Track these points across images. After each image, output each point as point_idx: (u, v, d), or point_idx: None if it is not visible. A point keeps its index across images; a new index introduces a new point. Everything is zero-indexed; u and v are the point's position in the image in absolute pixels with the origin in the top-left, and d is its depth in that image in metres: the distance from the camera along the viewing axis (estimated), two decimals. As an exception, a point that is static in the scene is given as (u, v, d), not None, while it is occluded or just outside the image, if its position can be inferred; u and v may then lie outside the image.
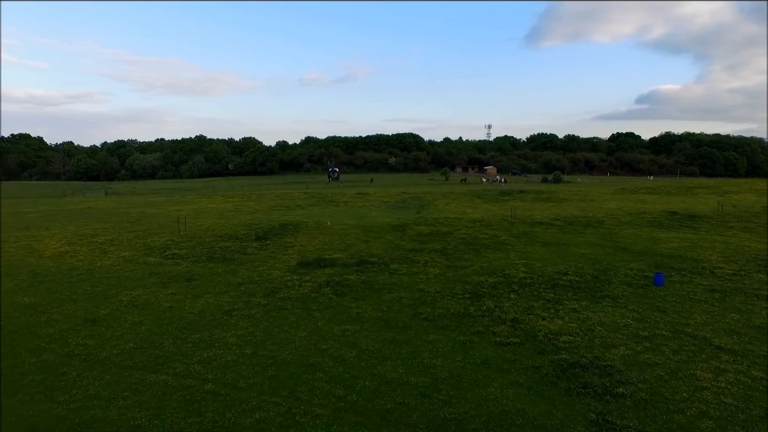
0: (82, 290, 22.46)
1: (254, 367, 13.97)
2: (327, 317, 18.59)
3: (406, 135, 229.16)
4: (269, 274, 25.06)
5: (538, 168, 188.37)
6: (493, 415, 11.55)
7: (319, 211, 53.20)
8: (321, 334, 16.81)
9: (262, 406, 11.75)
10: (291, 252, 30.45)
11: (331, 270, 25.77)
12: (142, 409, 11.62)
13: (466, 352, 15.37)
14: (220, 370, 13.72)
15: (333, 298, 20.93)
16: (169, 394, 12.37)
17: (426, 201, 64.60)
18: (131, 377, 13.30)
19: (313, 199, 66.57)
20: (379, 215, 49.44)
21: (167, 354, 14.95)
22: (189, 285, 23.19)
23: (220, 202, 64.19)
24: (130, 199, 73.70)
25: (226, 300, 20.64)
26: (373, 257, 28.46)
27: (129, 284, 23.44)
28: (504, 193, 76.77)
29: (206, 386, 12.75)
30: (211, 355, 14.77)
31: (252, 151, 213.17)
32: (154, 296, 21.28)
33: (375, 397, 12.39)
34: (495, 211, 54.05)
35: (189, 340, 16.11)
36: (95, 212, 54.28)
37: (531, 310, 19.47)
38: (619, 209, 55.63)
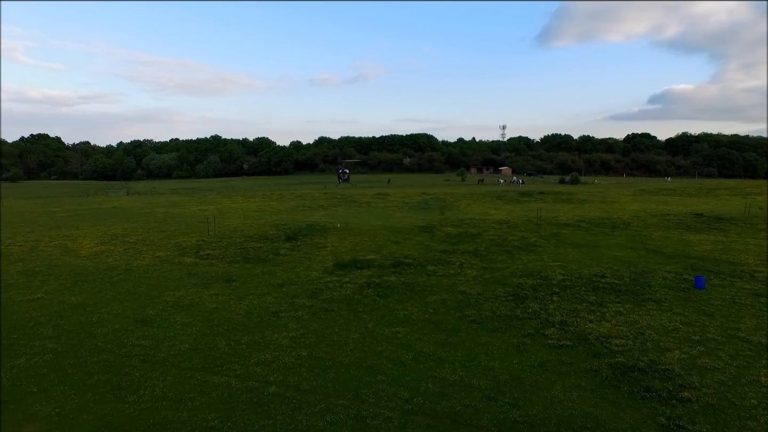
0: (125, 290, 22.64)
1: (314, 370, 14.04)
2: (375, 319, 18.65)
3: (420, 135, 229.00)
4: (307, 276, 25.16)
5: (553, 169, 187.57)
6: (562, 417, 11.56)
7: (343, 212, 53.31)
8: (373, 336, 16.87)
9: (330, 409, 11.81)
10: (324, 253, 30.55)
11: (369, 271, 25.82)
12: (211, 410, 11.71)
13: (522, 355, 15.39)
14: (280, 372, 13.80)
15: (377, 300, 20.99)
16: (234, 396, 12.45)
17: (447, 202, 64.50)
18: (193, 378, 13.40)
19: (334, 199, 66.67)
20: (404, 216, 49.45)
21: (223, 355, 15.05)
22: (230, 286, 23.32)
23: (243, 203, 64.44)
24: (153, 199, 74.14)
25: (271, 301, 20.74)
26: (407, 258, 28.48)
27: (170, 285, 23.59)
28: (524, 194, 76.46)
29: (270, 388, 12.83)
30: (269, 357, 14.85)
31: (267, 151, 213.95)
32: (197, 297, 21.41)
33: (440, 399, 12.43)
34: (518, 213, 53.91)
35: (242, 341, 16.20)
36: (121, 212, 54.64)
37: (576, 313, 19.43)
38: (642, 211, 55.25)
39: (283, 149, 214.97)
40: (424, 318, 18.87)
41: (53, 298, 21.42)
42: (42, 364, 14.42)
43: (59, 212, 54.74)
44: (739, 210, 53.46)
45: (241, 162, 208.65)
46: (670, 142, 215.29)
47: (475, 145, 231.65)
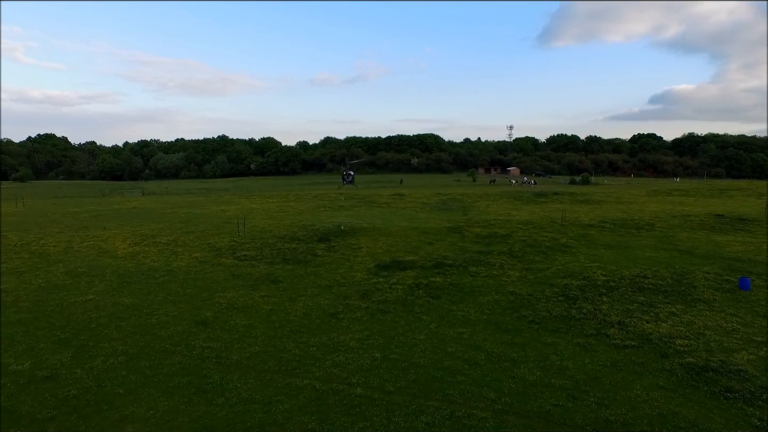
0: (173, 292, 22.72)
1: (392, 371, 14.11)
2: (435, 320, 18.73)
3: (427, 135, 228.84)
4: (352, 277, 25.24)
5: (561, 169, 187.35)
6: (653, 417, 11.64)
7: (365, 212, 53.34)
8: (439, 337, 16.95)
9: (423, 410, 11.88)
10: (361, 254, 30.60)
11: (412, 272, 25.90)
12: (303, 413, 11.75)
13: (590, 355, 15.48)
14: (360, 374, 13.86)
15: (431, 301, 21.06)
16: (322, 398, 12.50)
17: (466, 203, 64.53)
18: (274, 381, 13.44)
19: (351, 200, 66.72)
20: (428, 217, 49.52)
21: (296, 358, 15.11)
22: (277, 287, 23.39)
23: (262, 203, 64.51)
24: (170, 199, 74.25)
25: (325, 303, 20.81)
26: (447, 259, 28.53)
27: (217, 286, 23.67)
28: (539, 194, 76.39)
29: (356, 390, 12.89)
30: (343, 359, 14.92)
31: (274, 151, 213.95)
32: (249, 299, 21.47)
33: (526, 399, 12.52)
34: (539, 213, 53.93)
35: (311, 343, 16.26)
36: (142, 212, 54.75)
37: (630, 313, 19.50)
38: (661, 212, 55.26)
39: (291, 149, 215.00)
40: (482, 319, 18.96)
41: (105, 299, 21.51)
42: (118, 365, 14.49)
43: (81, 212, 54.88)
44: (757, 211, 53.41)
45: (249, 162, 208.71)
46: (677, 142, 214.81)
47: (481, 146, 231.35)
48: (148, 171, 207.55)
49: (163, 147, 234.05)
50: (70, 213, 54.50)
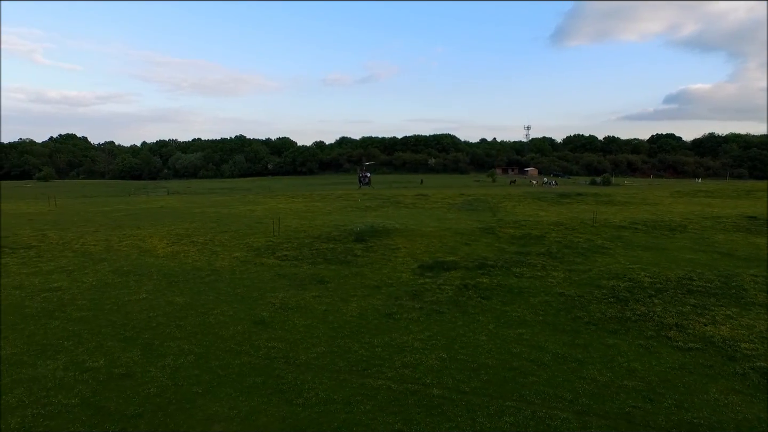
0: (223, 291, 22.82)
1: (463, 371, 14.11)
2: (492, 321, 18.70)
3: (443, 136, 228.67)
4: (398, 277, 25.29)
5: (579, 170, 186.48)
6: (739, 421, 11.53)
7: (393, 213, 53.46)
8: (500, 337, 16.94)
9: (504, 411, 11.87)
10: (401, 254, 30.64)
11: (457, 273, 25.91)
12: (386, 413, 11.74)
13: (655, 357, 15.37)
14: (433, 375, 13.87)
15: (482, 302, 21.04)
16: (400, 399, 12.48)
17: (491, 203, 64.41)
18: (349, 381, 13.44)
19: (376, 200, 66.90)
20: (457, 217, 49.54)
21: (364, 358, 15.11)
22: (326, 288, 23.46)
23: (288, 203, 64.83)
24: (195, 199, 74.82)
25: (378, 303, 20.84)
26: (488, 260, 28.49)
27: (265, 286, 23.76)
28: (562, 195, 76.06)
29: (432, 390, 12.90)
30: (411, 360, 14.93)
31: (291, 151, 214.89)
32: (300, 299, 21.51)
33: (603, 400, 12.46)
34: (566, 214, 53.68)
35: (374, 344, 16.28)
36: (172, 212, 55.25)
37: (686, 316, 19.35)
38: (690, 213, 54.75)
39: (308, 149, 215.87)
40: (538, 320, 18.93)
41: (158, 298, 21.68)
42: (189, 365, 14.57)
43: (112, 212, 55.49)
44: (790, 212, 52.85)
45: (266, 162, 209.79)
46: (697, 143, 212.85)
47: (498, 146, 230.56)
48: (167, 170, 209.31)
49: (181, 147, 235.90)
50: (102, 212, 55.12)
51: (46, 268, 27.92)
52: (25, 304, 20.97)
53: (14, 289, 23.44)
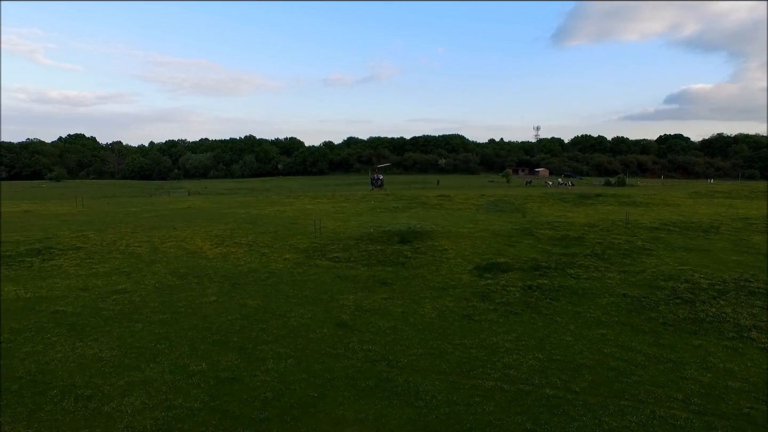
0: (291, 294, 22.93)
1: (565, 371, 14.28)
2: (571, 322, 18.86)
3: (453, 136, 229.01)
4: (459, 279, 25.48)
5: (590, 170, 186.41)
6: None
7: (423, 214, 53.61)
8: (586, 338, 17.10)
9: (624, 410, 11.98)
10: (450, 255, 30.78)
11: (514, 274, 26.09)
12: (511, 413, 11.88)
13: (748, 358, 15.51)
14: (538, 375, 14.02)
15: (552, 303, 21.21)
16: (519, 399, 12.63)
17: (517, 204, 64.48)
18: (459, 383, 13.58)
19: (402, 201, 67.08)
20: (488, 218, 49.68)
21: (463, 359, 15.27)
22: (392, 289, 23.59)
23: (314, 204, 65.00)
24: (219, 199, 75.06)
25: (450, 305, 21.02)
26: (540, 262, 28.62)
27: (331, 288, 23.90)
28: (582, 196, 76.01)
29: (545, 390, 13.06)
30: (511, 361, 15.11)
31: (302, 151, 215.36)
32: (371, 301, 21.65)
33: (715, 400, 12.61)
34: (594, 215, 53.73)
35: (467, 345, 16.42)
36: (200, 212, 55.42)
37: (758, 317, 19.50)
38: (716, 214, 54.72)
39: (318, 149, 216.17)
40: (613, 320, 19.11)
41: (229, 301, 21.83)
42: (292, 368, 14.70)
43: (141, 212, 55.71)
44: (818, 213, 52.96)
45: (276, 162, 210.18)
46: (706, 143, 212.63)
47: (507, 146, 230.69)
48: (177, 170, 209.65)
49: (190, 147, 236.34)
50: (131, 213, 55.36)
51: (102, 269, 28.14)
52: (99, 306, 21.18)
53: (81, 291, 23.66)
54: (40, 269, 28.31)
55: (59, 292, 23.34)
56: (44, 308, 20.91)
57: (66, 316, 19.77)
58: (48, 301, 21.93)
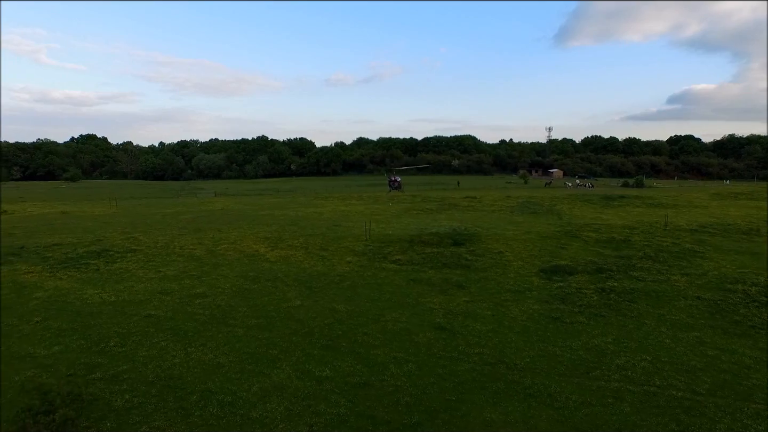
0: (374, 297, 23.34)
1: (680, 373, 14.74)
2: (661, 324, 19.33)
3: (465, 137, 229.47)
4: (530, 281, 25.88)
5: (603, 171, 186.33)
6: None
7: (459, 216, 53.91)
8: (683, 341, 17.54)
9: (758, 414, 12.49)
10: (509, 258, 31.11)
11: (582, 277, 26.46)
12: (649, 414, 12.43)
13: None
14: (657, 377, 14.51)
15: (632, 305, 21.61)
16: (650, 401, 13.13)
17: (547, 206, 64.70)
18: (586, 385, 14.10)
19: (432, 202, 67.43)
20: (527, 220, 50.01)
21: (576, 361, 15.81)
22: (469, 292, 24.01)
23: (347, 205, 65.36)
24: (248, 200, 75.57)
25: (536, 308, 21.44)
26: (600, 264, 28.99)
27: (409, 291, 24.38)
28: (607, 198, 76.14)
29: (672, 392, 13.55)
30: (622, 363, 15.56)
31: (315, 152, 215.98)
32: (455, 304, 22.14)
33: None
34: (628, 217, 53.93)
35: (573, 347, 16.92)
36: (237, 214, 55.77)
37: (843, 320, 19.93)
38: (748, 216, 54.93)
39: (331, 150, 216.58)
40: (700, 323, 19.53)
41: (316, 305, 22.20)
42: (416, 373, 15.18)
43: (177, 213, 56.20)
44: None
45: (289, 163, 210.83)
46: (718, 144, 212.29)
47: (519, 147, 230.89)
48: (191, 171, 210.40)
49: (203, 147, 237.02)
50: (168, 214, 55.88)
51: (169, 272, 28.56)
52: (187, 310, 21.66)
53: (162, 294, 24.13)
54: (108, 272, 28.82)
55: (141, 296, 23.85)
56: (134, 312, 21.47)
57: (161, 321, 20.29)
58: (134, 305, 22.46)
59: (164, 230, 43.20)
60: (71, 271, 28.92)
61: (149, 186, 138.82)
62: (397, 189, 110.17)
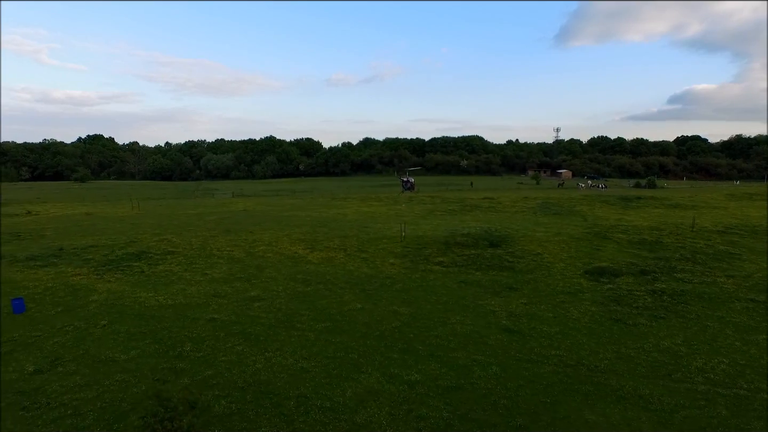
0: (432, 300, 23.58)
1: (764, 376, 15.02)
2: (724, 326, 19.66)
3: (473, 137, 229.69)
4: (579, 283, 26.15)
5: (612, 172, 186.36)
6: None
7: (484, 217, 54.13)
8: (755, 343, 17.90)
9: None
10: (549, 260, 31.36)
11: (629, 279, 26.73)
12: (751, 418, 12.73)
13: None
14: (742, 379, 14.85)
15: (687, 307, 21.94)
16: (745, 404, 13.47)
17: (567, 207, 64.78)
18: (674, 387, 14.42)
19: (452, 203, 67.60)
20: (553, 222, 50.18)
21: (654, 363, 16.13)
22: (522, 294, 24.39)
23: (368, 206, 65.44)
24: (265, 201, 75.69)
25: (593, 309, 21.78)
26: (644, 267, 29.25)
27: (463, 293, 24.70)
28: (623, 199, 76.03)
29: (764, 396, 13.83)
30: (701, 365, 15.89)
31: (323, 152, 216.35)
32: (513, 305, 22.48)
33: None
34: (652, 219, 53.83)
35: (645, 349, 17.28)
36: (261, 215, 55.73)
37: None
38: (771, 217, 55.08)
39: (340, 150, 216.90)
40: (763, 326, 19.81)
41: (375, 308, 22.36)
42: (501, 375, 15.46)
43: (203, 214, 56.27)
44: None
45: (297, 163, 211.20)
46: (726, 145, 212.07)
47: (526, 148, 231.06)
48: (199, 171, 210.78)
49: (210, 147, 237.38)
50: (192, 215, 56.04)
51: (216, 275, 28.72)
52: (249, 314, 21.82)
53: (217, 297, 24.28)
54: (153, 274, 29.00)
55: (197, 299, 24.03)
56: (197, 316, 21.67)
57: (227, 325, 20.49)
58: (193, 309, 22.65)
59: (194, 232, 43.36)
60: (116, 273, 29.21)
61: (161, 187, 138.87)
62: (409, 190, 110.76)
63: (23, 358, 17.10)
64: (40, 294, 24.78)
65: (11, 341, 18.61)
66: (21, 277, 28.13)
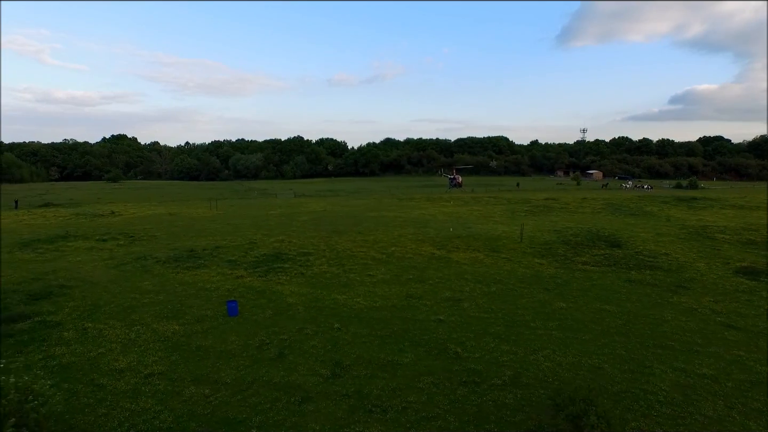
0: (616, 298, 24.71)
1: None
2: None
3: (499, 138, 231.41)
4: (741, 282, 27.85)
5: (641, 173, 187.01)
6: None
7: (568, 217, 55.12)
8: None
9: None
10: (683, 259, 33.13)
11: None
12: None
13: None
14: None
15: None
16: None
17: (635, 208, 65.52)
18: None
19: (522, 204, 68.87)
20: (638, 223, 51.40)
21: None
22: (695, 292, 26.00)
23: (441, 206, 66.56)
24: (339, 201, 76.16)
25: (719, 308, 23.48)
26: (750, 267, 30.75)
27: (640, 291, 26.17)
28: (679, 200, 76.89)
29: None
30: None
31: (353, 152, 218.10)
32: (701, 303, 23.99)
33: None
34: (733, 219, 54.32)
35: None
36: (346, 215, 55.98)
37: None
38: None
39: (370, 151, 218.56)
40: None
41: (583, 307, 23.20)
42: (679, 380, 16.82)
43: (294, 214, 57.50)
44: None
45: (326, 163, 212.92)
46: (754, 145, 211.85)
47: (554, 148, 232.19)
48: (227, 171, 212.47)
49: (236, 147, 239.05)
50: (274, 215, 57.43)
51: (380, 276, 28.58)
52: (472, 315, 21.93)
53: (412, 298, 24.28)
54: (317, 276, 28.80)
55: (395, 301, 23.92)
56: (423, 317, 21.54)
57: (461, 326, 20.51)
58: (403, 310, 22.48)
59: (301, 232, 44.07)
60: (278, 275, 28.76)
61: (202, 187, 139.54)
62: (456, 187, 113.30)
63: (302, 362, 16.87)
64: (224, 296, 24.48)
65: (265, 345, 18.47)
66: (190, 279, 28.02)
